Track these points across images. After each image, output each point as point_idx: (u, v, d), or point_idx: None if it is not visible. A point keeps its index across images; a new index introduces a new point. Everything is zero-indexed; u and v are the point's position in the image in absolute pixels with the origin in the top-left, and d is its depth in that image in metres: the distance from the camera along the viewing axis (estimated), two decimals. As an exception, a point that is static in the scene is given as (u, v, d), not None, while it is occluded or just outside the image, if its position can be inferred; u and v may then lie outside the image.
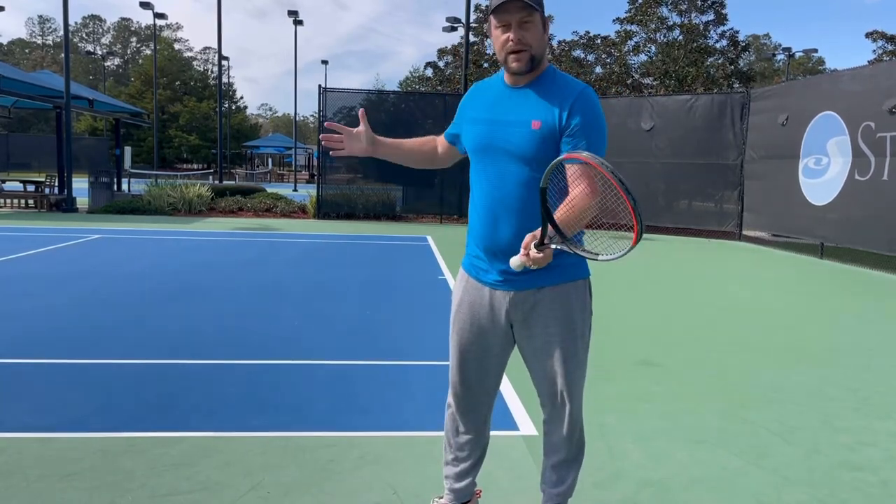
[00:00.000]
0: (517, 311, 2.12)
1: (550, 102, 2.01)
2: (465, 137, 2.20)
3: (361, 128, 2.30)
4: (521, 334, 2.16)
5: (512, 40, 1.98)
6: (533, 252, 1.83)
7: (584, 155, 1.77)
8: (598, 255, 1.84)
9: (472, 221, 2.18)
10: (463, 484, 2.32)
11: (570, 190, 1.93)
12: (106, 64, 67.39)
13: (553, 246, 1.85)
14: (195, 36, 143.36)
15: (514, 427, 3.31)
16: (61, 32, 28.20)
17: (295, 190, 30.69)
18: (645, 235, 1.98)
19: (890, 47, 35.56)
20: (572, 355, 2.13)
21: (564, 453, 2.25)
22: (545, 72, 2.07)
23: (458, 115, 2.29)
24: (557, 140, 2.00)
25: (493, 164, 2.08)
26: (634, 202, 1.73)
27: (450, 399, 2.32)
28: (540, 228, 1.86)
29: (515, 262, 1.90)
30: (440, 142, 2.42)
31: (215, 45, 28.30)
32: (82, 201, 16.76)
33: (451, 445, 2.33)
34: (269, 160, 58.27)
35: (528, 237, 1.86)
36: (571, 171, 1.91)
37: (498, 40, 2.02)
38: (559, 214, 1.87)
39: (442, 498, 2.37)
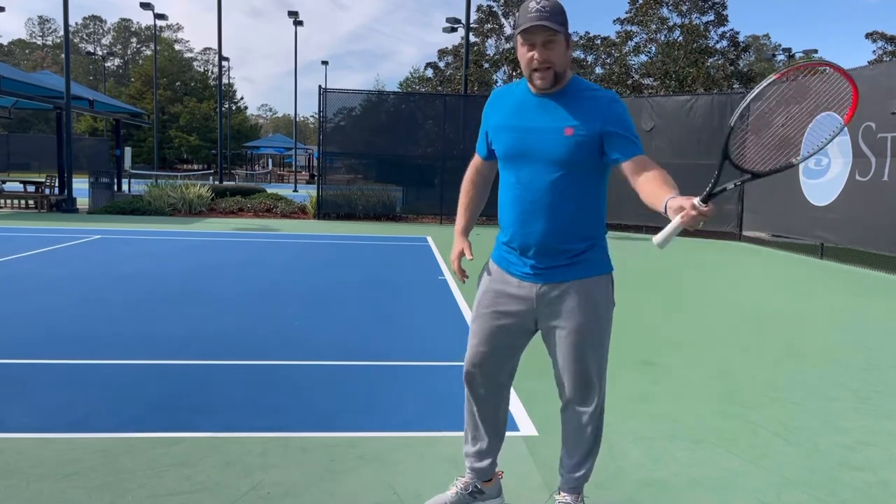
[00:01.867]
0: (544, 302, 2.24)
1: (582, 111, 2.14)
2: (496, 144, 2.29)
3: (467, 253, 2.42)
4: (546, 325, 2.27)
5: (537, 59, 2.09)
6: (702, 207, 1.86)
7: (831, 63, 2.04)
8: (790, 160, 2.00)
9: (504, 220, 2.30)
10: (483, 464, 2.45)
11: (644, 173, 2.11)
12: (106, 64, 67.42)
13: (729, 187, 1.96)
14: (195, 36, 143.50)
15: (515, 427, 3.30)
16: (61, 33, 28.22)
17: (295, 190, 30.70)
18: (646, 235, 2.01)
19: (890, 48, 35.59)
20: (597, 345, 2.26)
21: (582, 442, 2.35)
22: (570, 81, 2.18)
23: (483, 126, 2.39)
24: (593, 146, 2.13)
25: (524, 169, 2.20)
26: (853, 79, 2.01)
27: (465, 381, 2.42)
28: (705, 193, 1.91)
29: (659, 238, 1.94)
30: (479, 166, 2.49)
31: (215, 46, 28.32)
32: (82, 202, 16.77)
33: (469, 426, 2.46)
34: (270, 160, 58.29)
35: (684, 202, 1.89)
36: (633, 165, 2.13)
37: (524, 57, 2.13)
38: (655, 186, 2.05)
39: (464, 477, 2.47)
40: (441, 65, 34.54)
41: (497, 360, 2.35)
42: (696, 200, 1.87)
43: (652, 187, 2.07)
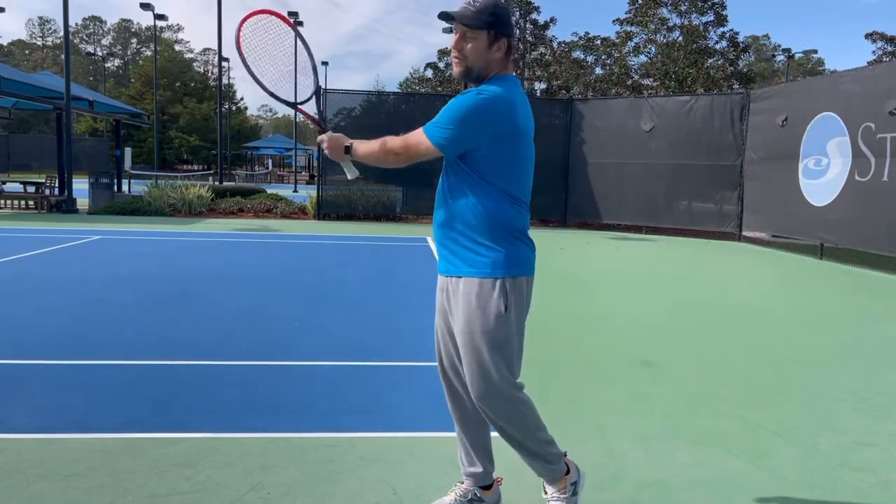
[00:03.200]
0: (445, 295, 2.31)
1: None
2: None
3: None
4: None
5: (452, 46, 2.25)
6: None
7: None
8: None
9: None
10: (476, 469, 2.42)
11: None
12: (106, 65, 67.42)
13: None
14: (195, 37, 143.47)
15: (514, 427, 3.30)
16: (61, 33, 28.21)
17: (295, 191, 30.71)
18: (645, 236, 2.02)
19: (889, 48, 35.62)
20: (471, 351, 2.22)
21: (510, 443, 2.33)
22: (487, 80, 2.25)
23: None
24: None
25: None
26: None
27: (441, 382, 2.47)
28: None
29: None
30: None
31: (215, 46, 28.30)
32: (82, 202, 16.77)
33: (455, 429, 2.47)
34: (270, 161, 58.30)
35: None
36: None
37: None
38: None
39: (463, 483, 2.46)
40: (441, 65, 34.56)
41: (448, 358, 2.37)
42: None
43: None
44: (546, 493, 2.40)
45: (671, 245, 12.66)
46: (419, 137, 2.20)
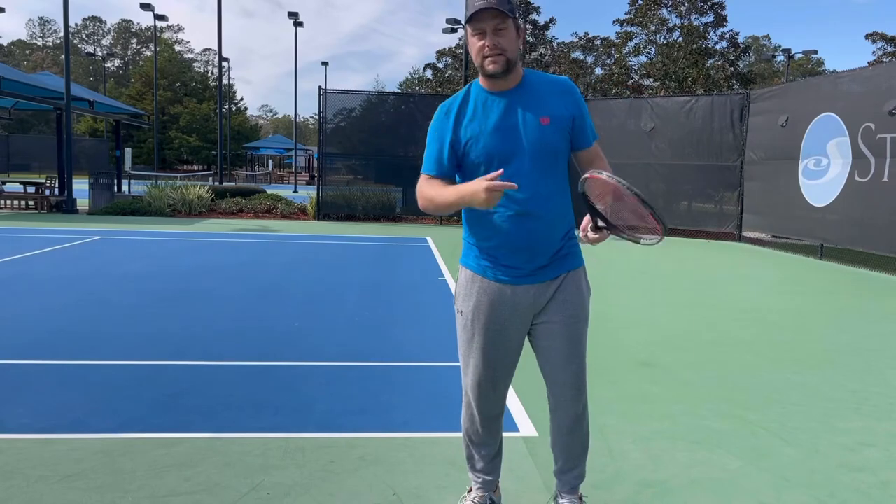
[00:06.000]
0: (540, 301, 2.23)
1: (549, 99, 2.18)
2: (471, 152, 2.16)
3: None
4: (540, 321, 2.27)
5: (488, 46, 2.10)
6: (591, 234, 2.08)
7: (604, 175, 2.08)
8: (640, 238, 2.10)
9: (485, 228, 2.20)
10: (493, 477, 2.46)
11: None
12: (106, 65, 67.41)
13: (607, 232, 2.10)
14: (195, 37, 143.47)
15: (515, 428, 3.30)
16: (62, 34, 28.21)
17: (295, 191, 30.71)
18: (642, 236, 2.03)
19: (890, 48, 35.61)
20: (583, 337, 2.29)
21: (579, 440, 2.37)
22: (526, 75, 2.22)
23: (438, 142, 2.21)
24: (567, 131, 2.21)
25: (508, 168, 2.12)
26: (652, 208, 2.04)
27: (470, 398, 2.34)
28: (588, 216, 2.11)
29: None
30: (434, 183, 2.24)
31: (215, 47, 28.32)
32: (82, 202, 16.77)
33: (474, 442, 2.41)
34: (270, 161, 58.30)
35: (585, 220, 2.12)
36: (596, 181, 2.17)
37: (474, 47, 2.14)
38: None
39: (472, 492, 2.45)
40: (440, 66, 34.56)
41: (504, 374, 2.33)
42: (589, 227, 2.10)
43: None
44: (561, 498, 2.41)
45: (671, 245, 12.66)
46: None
